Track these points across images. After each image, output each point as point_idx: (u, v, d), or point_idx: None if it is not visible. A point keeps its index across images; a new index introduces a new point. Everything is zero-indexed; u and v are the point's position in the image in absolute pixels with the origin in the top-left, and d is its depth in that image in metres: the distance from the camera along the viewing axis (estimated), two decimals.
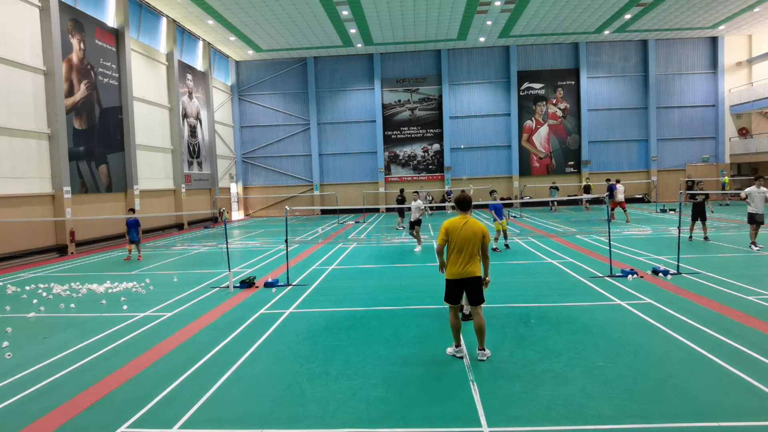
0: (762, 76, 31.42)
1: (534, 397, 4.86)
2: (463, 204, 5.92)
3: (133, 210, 16.76)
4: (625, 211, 20.85)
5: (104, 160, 20.36)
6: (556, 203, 29.72)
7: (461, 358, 5.89)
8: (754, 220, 12.80)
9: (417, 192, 16.65)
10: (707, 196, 14.39)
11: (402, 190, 22.38)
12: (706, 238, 14.55)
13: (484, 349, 5.92)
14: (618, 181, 21.60)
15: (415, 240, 15.25)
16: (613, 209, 21.43)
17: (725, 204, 28.73)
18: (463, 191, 6.65)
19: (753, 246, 12.71)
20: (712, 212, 14.72)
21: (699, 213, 14.40)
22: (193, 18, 25.63)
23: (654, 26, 29.57)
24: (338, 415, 4.65)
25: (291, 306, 8.84)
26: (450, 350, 6.06)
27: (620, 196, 20.87)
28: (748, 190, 13.02)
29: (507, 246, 14.76)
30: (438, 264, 6.10)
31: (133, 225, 15.25)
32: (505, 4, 25.11)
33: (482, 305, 5.88)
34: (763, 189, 12.76)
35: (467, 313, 7.19)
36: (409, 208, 15.33)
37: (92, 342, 7.13)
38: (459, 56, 33.49)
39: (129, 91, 21.67)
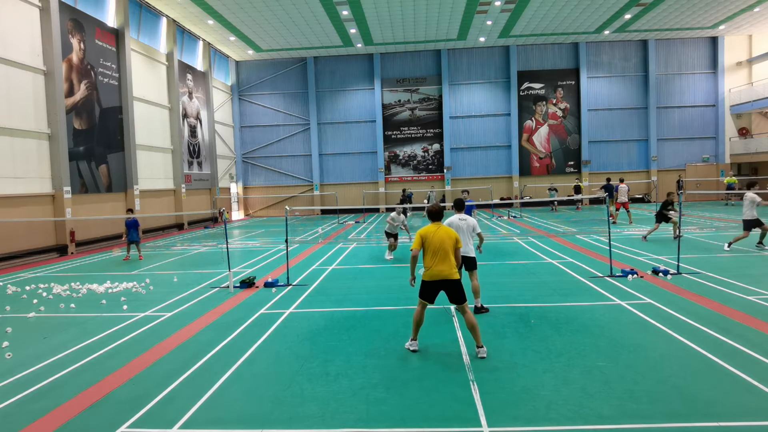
0: (762, 76, 31.40)
1: (534, 397, 4.86)
2: (435, 214, 6.29)
3: (131, 210, 16.76)
4: (628, 212, 20.50)
5: (104, 160, 20.36)
6: (556, 203, 29.74)
7: (415, 351, 6.17)
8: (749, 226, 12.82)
9: (393, 209, 14.59)
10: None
11: (404, 190, 21.83)
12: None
13: (482, 347, 5.95)
14: (622, 181, 21.11)
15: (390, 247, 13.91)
16: (617, 210, 21.36)
17: (730, 204, 28.77)
18: (463, 191, 6.99)
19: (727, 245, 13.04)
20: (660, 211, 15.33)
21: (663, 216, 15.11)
22: (193, 18, 25.63)
23: (654, 26, 29.57)
24: (338, 415, 4.65)
25: (291, 306, 8.84)
26: (407, 344, 6.32)
27: (622, 197, 20.64)
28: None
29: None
30: (410, 273, 6.31)
31: (132, 225, 15.27)
32: (505, 4, 25.10)
33: (466, 303, 6.09)
34: (749, 195, 12.76)
35: (479, 306, 7.46)
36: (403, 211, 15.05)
37: (92, 342, 7.13)
38: (459, 56, 33.49)
39: (129, 91, 21.67)
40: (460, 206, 7.86)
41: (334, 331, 7.25)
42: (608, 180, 25.31)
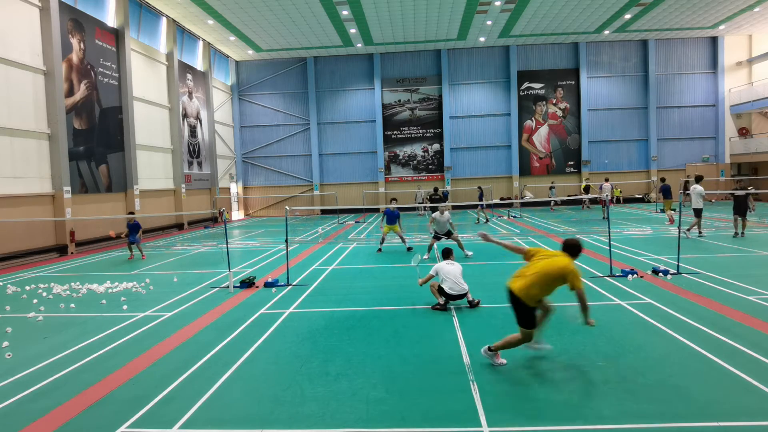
0: (762, 76, 31.40)
1: (534, 397, 4.86)
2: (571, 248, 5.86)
3: (133, 213, 16.81)
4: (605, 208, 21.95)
5: (104, 160, 20.36)
6: (553, 202, 29.70)
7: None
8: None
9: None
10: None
11: (436, 189, 22.21)
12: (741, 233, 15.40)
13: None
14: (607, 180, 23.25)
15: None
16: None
17: (709, 202, 29.12)
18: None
19: (688, 233, 15.30)
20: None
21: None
22: (193, 18, 25.63)
23: (654, 26, 29.57)
24: (338, 415, 4.65)
25: (291, 306, 8.84)
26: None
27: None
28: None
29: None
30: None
31: (133, 228, 15.48)
32: (505, 4, 25.10)
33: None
34: (698, 188, 15.00)
35: (472, 300, 7.90)
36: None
37: (92, 342, 7.13)
38: (459, 56, 33.48)
39: (129, 91, 21.66)
40: (446, 255, 8.48)
41: (334, 331, 7.25)
42: (606, 179, 25.44)
